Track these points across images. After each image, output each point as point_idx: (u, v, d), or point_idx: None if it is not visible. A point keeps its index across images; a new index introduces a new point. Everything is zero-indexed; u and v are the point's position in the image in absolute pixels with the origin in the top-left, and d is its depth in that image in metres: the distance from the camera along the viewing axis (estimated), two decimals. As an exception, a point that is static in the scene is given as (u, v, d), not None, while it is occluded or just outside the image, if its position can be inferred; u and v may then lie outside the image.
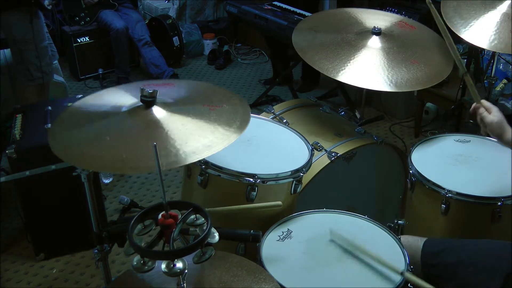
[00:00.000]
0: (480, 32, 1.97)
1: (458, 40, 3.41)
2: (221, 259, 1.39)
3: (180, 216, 1.09)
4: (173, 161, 1.16)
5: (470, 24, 1.99)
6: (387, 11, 3.39)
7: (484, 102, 1.62)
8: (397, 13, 3.13)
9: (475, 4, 2.05)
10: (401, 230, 1.97)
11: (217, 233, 1.10)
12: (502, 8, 1.99)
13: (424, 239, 1.63)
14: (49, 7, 2.90)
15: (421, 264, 1.57)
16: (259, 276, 1.34)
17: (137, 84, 1.43)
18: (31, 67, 2.98)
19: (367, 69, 1.91)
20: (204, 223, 1.09)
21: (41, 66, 3.00)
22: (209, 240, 1.07)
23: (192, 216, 1.11)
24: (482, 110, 1.61)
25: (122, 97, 1.39)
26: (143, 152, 1.18)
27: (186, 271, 1.05)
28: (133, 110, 1.30)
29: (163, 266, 1.04)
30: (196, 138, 1.23)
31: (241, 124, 1.32)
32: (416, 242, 1.62)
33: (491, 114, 1.59)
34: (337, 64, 1.92)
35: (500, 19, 1.97)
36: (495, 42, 1.93)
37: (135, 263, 1.05)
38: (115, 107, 1.35)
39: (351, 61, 1.93)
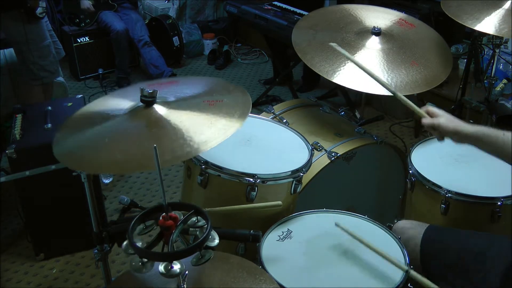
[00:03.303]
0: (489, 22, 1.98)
1: (458, 40, 3.38)
2: (221, 260, 1.39)
3: (180, 217, 1.09)
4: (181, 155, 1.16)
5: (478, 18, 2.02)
6: (387, 11, 3.39)
7: (428, 108, 1.51)
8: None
9: (478, 4, 2.05)
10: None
11: (217, 237, 1.10)
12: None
13: (425, 225, 1.64)
14: (42, 15, 2.89)
15: (420, 251, 1.58)
16: (260, 278, 1.34)
17: (140, 86, 1.43)
18: (33, 66, 2.98)
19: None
20: (205, 225, 1.09)
21: (44, 66, 3.00)
22: (208, 243, 1.07)
23: (193, 218, 1.11)
24: (426, 119, 1.51)
25: (124, 100, 1.39)
26: (143, 151, 1.19)
27: (187, 272, 1.05)
28: (133, 111, 1.31)
29: (161, 267, 1.04)
30: (196, 134, 1.23)
31: (241, 115, 1.31)
32: (416, 227, 1.65)
33: (437, 116, 1.50)
34: (337, 67, 1.91)
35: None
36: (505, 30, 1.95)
37: (133, 263, 1.05)
38: (117, 110, 1.35)
39: (351, 64, 1.92)
